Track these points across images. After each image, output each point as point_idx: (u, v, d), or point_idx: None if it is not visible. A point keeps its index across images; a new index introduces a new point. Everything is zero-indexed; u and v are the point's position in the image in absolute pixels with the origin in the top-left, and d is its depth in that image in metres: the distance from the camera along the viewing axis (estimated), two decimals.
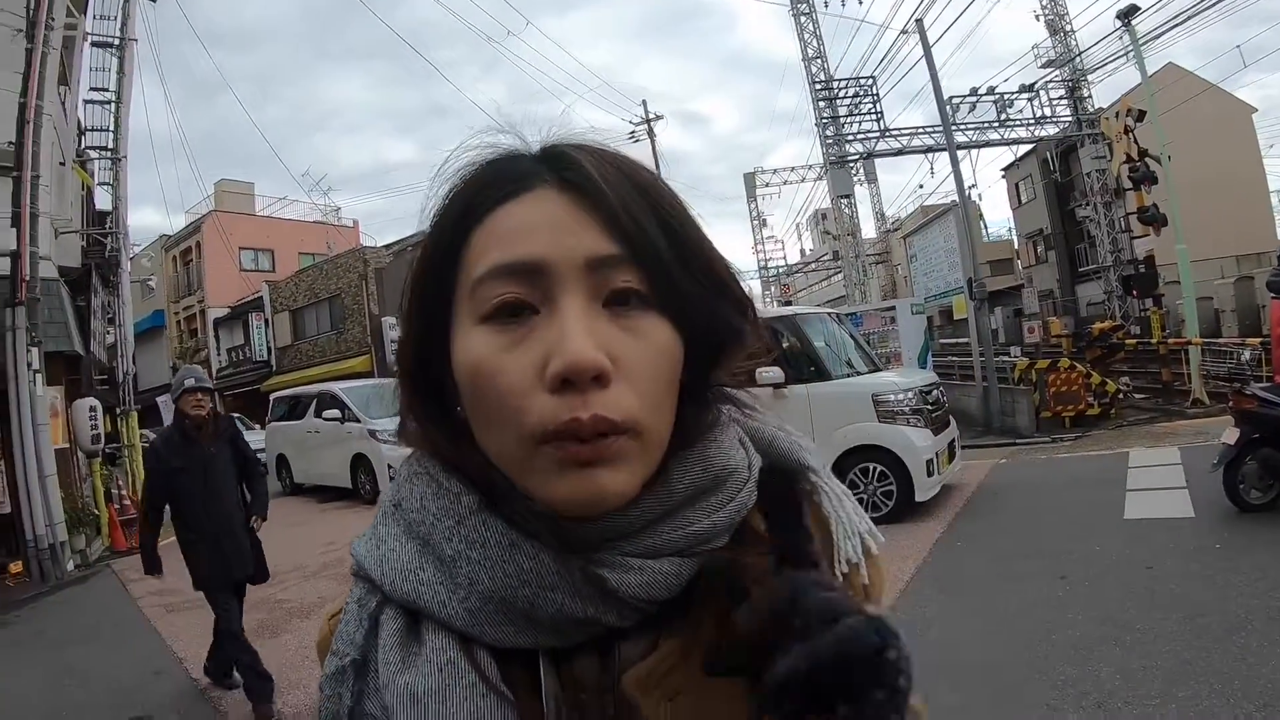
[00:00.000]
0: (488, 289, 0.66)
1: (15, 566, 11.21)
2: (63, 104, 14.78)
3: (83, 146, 16.67)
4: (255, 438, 23.23)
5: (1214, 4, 19.67)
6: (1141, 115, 19.11)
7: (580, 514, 0.66)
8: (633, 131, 33.18)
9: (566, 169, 0.68)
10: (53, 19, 12.56)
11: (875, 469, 9.03)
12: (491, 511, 0.69)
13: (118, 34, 15.78)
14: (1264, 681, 4.20)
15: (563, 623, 0.67)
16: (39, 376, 11.37)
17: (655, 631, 0.70)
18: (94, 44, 15.89)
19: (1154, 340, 18.92)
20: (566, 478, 0.63)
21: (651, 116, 33.54)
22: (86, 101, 16.41)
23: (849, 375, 9.82)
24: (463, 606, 0.67)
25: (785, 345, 9.61)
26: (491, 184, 0.70)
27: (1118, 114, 20.71)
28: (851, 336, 11.19)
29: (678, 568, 0.69)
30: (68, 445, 13.16)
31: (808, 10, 27.75)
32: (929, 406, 9.40)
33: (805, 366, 9.53)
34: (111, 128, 16.08)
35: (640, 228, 0.67)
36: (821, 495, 0.80)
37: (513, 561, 0.66)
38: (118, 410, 16.20)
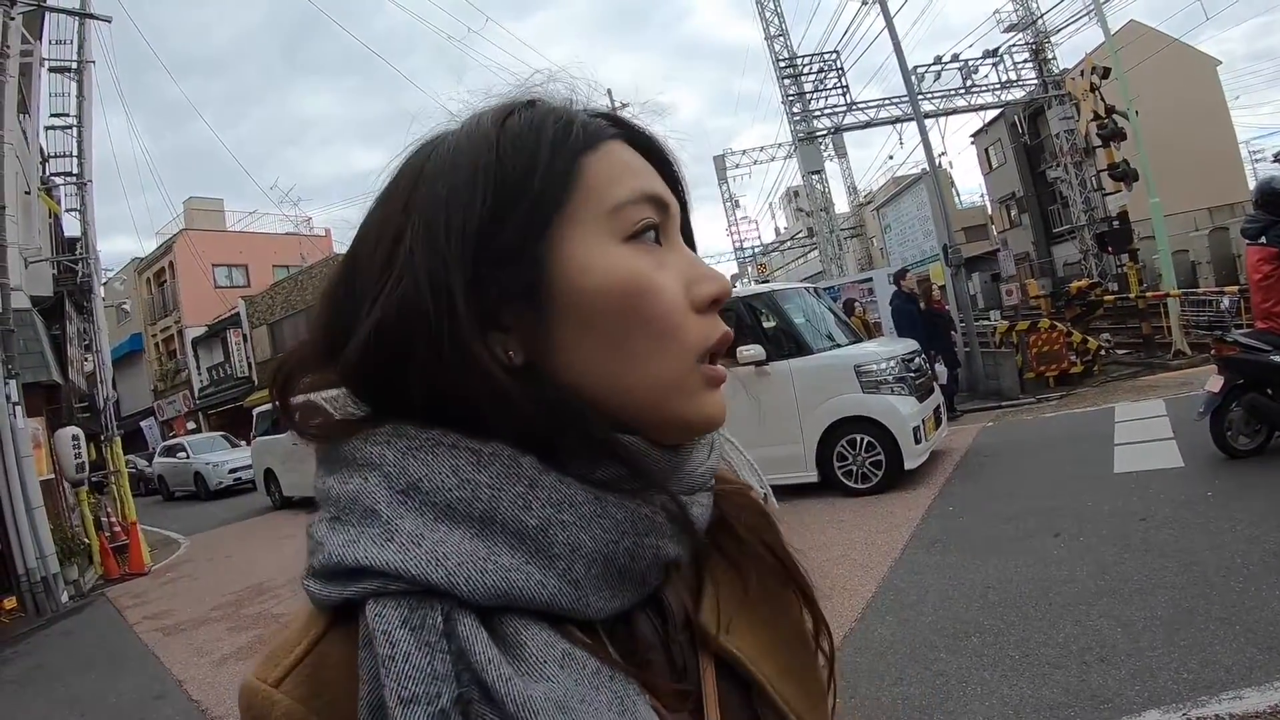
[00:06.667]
0: (635, 211, 0.66)
1: (9, 602, 11.07)
2: (24, 132, 14.62)
3: (47, 174, 16.50)
4: (241, 455, 23.34)
5: None
6: (1106, 73, 19.13)
7: (708, 432, 0.71)
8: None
9: (640, 133, 0.73)
10: (8, 46, 12.41)
11: (863, 440, 9.01)
12: (558, 468, 0.62)
13: (75, 57, 15.59)
14: (1265, 624, 4.21)
15: (653, 571, 0.65)
16: (19, 409, 11.27)
17: (675, 578, 0.71)
18: (51, 69, 15.70)
19: (1132, 295, 18.98)
20: (713, 395, 0.68)
21: (617, 106, 33.57)
22: (48, 128, 16.23)
23: (830, 348, 9.80)
24: (565, 580, 0.59)
25: (765, 323, 9.63)
26: (592, 120, 0.70)
27: (1082, 72, 20.76)
28: (830, 310, 11.20)
29: (708, 499, 0.72)
30: (53, 476, 13.08)
31: None
32: (912, 374, 9.40)
33: (786, 342, 9.52)
34: (75, 153, 15.91)
35: (686, 198, 0.76)
36: (725, 443, 0.83)
37: (607, 515, 0.62)
38: (101, 437, 16.06)
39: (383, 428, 0.63)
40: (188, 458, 26.18)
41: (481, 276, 0.62)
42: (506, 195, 0.63)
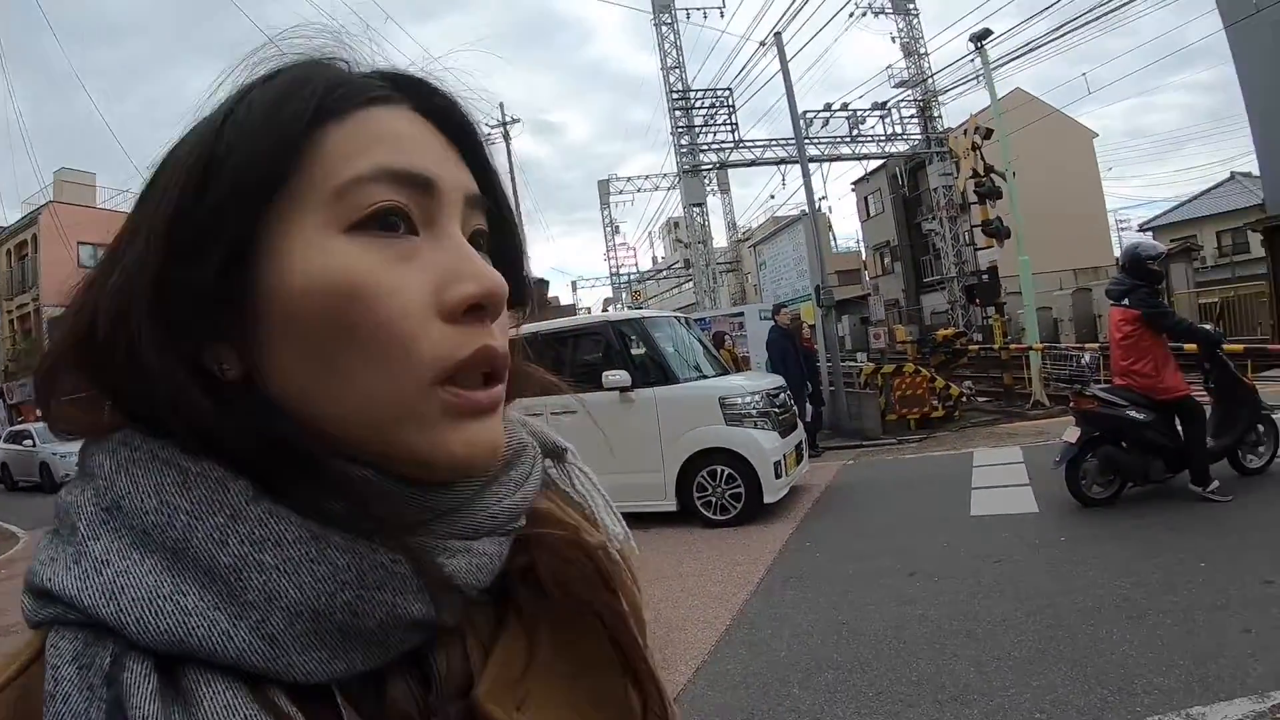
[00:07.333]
0: (366, 192, 0.53)
1: None
2: None
3: None
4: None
5: (1061, 34, 20.48)
6: (989, 134, 19.82)
7: (464, 475, 0.57)
8: (488, 134, 33.57)
9: (435, 97, 0.61)
10: None
11: (723, 472, 8.97)
12: (274, 499, 0.51)
13: None
14: (1116, 666, 4.26)
15: (390, 631, 0.53)
16: None
17: (459, 636, 0.59)
18: None
19: (996, 346, 19.62)
20: (464, 427, 0.54)
21: (507, 120, 33.44)
22: None
23: (697, 379, 9.76)
24: (258, 635, 0.48)
25: (633, 349, 9.53)
26: (349, 80, 0.57)
27: (966, 132, 21.50)
28: (700, 341, 11.21)
29: (498, 547, 0.60)
30: None
31: (669, 21, 27.95)
32: (776, 409, 9.43)
33: (653, 370, 9.42)
34: None
35: (496, 181, 0.65)
36: (575, 476, 0.75)
37: (323, 559, 0.50)
38: None
39: (116, 434, 0.54)
40: (34, 446, 24.71)
41: (174, 276, 0.52)
42: (207, 177, 0.52)
